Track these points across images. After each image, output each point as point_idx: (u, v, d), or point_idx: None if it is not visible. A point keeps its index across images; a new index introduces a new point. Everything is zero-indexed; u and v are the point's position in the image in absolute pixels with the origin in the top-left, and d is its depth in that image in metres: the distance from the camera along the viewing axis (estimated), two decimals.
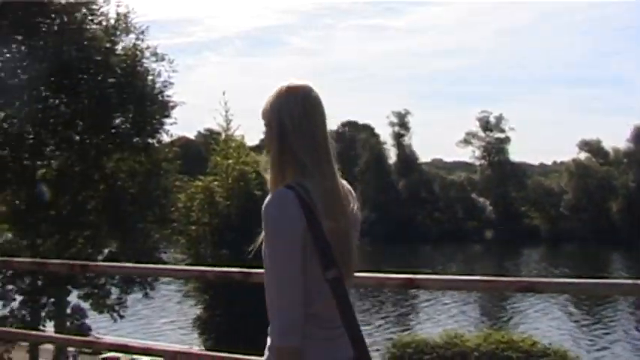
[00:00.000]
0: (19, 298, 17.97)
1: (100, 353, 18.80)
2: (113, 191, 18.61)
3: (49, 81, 17.99)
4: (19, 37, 17.88)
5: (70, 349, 19.17)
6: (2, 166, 17.82)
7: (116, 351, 13.80)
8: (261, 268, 2.41)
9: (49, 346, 18.31)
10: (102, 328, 21.43)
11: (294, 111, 2.39)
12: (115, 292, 18.93)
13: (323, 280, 2.32)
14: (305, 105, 2.40)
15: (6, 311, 17.70)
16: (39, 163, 18.64)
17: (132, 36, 18.90)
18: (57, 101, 18.69)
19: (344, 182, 2.49)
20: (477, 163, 75.36)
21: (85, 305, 18.91)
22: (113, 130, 18.77)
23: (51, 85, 18.14)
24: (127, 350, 4.93)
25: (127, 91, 18.30)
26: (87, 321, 19.03)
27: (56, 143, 18.59)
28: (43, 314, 18.16)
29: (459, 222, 69.77)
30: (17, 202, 18.26)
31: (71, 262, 4.73)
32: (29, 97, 17.72)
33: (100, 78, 18.18)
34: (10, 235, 19.10)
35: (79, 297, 18.86)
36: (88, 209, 18.86)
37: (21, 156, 18.15)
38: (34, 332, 13.07)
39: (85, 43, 18.01)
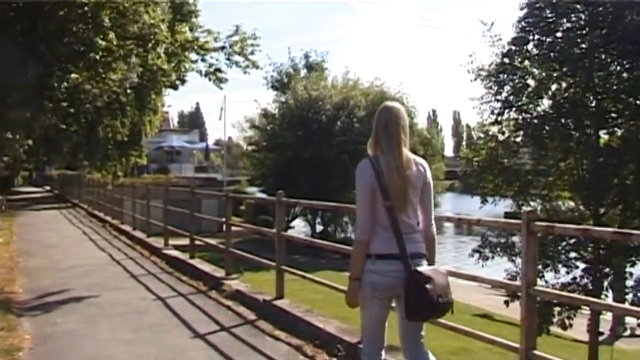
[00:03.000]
0: (581, 265, 18.96)
1: None
2: None
3: (610, 47, 18.49)
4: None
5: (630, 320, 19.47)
6: (566, 134, 19.05)
7: None
8: None
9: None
10: None
11: (381, 120, 4.78)
12: None
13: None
14: (386, 117, 4.76)
15: (569, 278, 18.84)
16: (603, 131, 19.30)
17: None
18: (619, 67, 19.01)
19: (414, 157, 4.76)
20: None
21: None
22: None
23: (612, 51, 18.59)
24: None
25: None
26: None
27: (619, 110, 18.95)
28: (605, 284, 18.83)
29: None
30: (580, 170, 19.20)
31: None
32: (590, 65, 18.51)
33: None
34: (572, 204, 20.24)
35: None
36: None
37: (583, 124, 19.04)
38: (593, 299, 13.92)
39: None
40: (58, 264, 15.55)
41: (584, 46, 18.81)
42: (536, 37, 19.80)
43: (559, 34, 19.46)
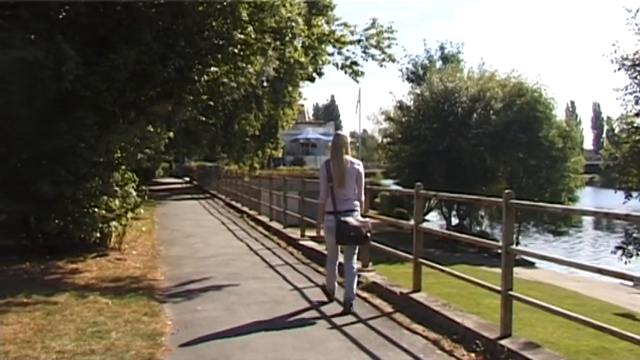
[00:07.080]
0: None
1: None
2: None
3: None
4: None
5: None
6: None
7: None
8: None
9: None
10: None
11: (333, 141, 9.88)
12: None
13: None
14: (336, 139, 9.78)
15: None
16: None
17: None
18: None
19: (352, 159, 9.55)
20: None
21: None
22: None
23: None
24: None
25: None
26: None
27: None
28: None
29: None
30: None
31: None
32: None
33: None
34: None
35: None
36: None
37: None
38: None
39: None
40: (197, 253, 16.11)
41: None
42: None
43: None
